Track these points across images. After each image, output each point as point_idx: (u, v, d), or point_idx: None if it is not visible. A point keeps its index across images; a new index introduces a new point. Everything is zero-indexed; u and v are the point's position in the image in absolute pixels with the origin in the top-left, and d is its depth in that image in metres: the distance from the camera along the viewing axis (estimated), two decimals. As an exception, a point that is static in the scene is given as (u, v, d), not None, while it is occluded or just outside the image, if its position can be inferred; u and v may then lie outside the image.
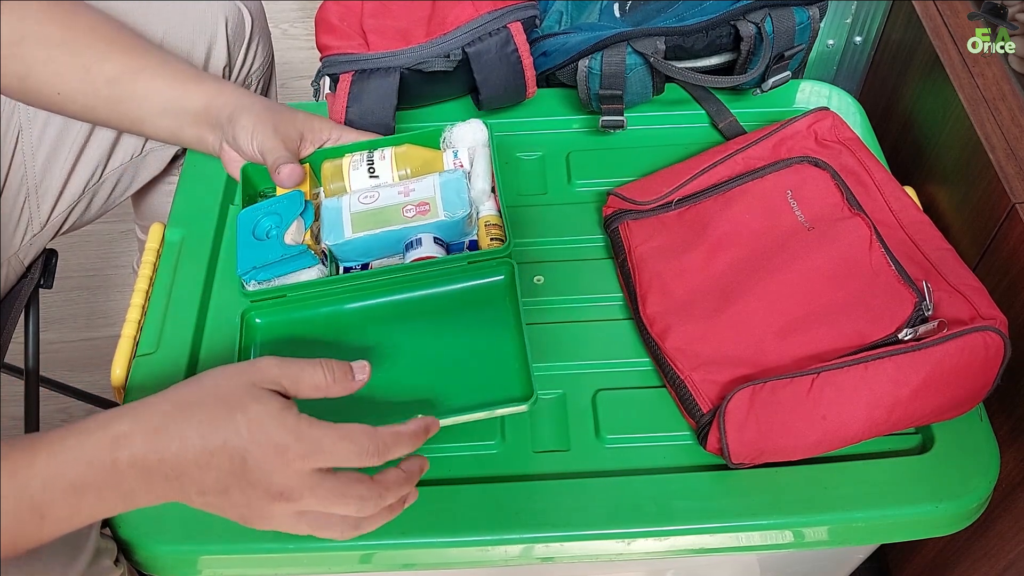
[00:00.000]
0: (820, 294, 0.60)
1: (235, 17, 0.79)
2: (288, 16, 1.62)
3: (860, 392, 0.54)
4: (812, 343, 0.58)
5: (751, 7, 0.72)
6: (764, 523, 0.55)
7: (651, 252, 0.65)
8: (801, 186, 0.66)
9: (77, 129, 0.75)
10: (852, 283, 0.60)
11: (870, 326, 0.57)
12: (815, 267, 0.61)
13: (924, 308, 0.57)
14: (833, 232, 0.62)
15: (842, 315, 0.58)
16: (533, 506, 0.56)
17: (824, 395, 0.54)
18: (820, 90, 0.80)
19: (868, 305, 0.58)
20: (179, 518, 0.56)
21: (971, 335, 0.55)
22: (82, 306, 1.26)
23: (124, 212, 1.18)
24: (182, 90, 0.66)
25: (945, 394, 0.55)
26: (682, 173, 0.69)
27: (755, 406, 0.55)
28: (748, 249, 0.64)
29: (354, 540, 0.54)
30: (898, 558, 0.88)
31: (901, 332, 0.56)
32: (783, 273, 0.61)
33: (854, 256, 0.61)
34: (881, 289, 0.59)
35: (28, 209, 0.75)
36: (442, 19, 0.74)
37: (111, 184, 0.80)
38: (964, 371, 0.55)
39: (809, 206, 0.65)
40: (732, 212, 0.66)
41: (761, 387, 0.55)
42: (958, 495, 0.56)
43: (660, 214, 0.68)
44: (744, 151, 0.69)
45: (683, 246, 0.65)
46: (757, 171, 0.67)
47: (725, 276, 0.63)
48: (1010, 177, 0.64)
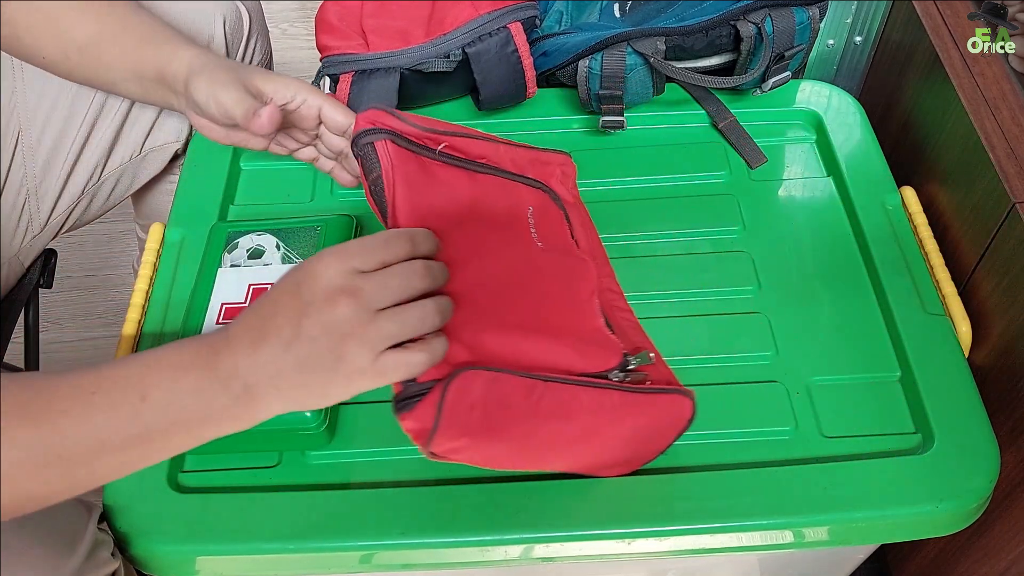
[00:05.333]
0: (545, 310, 0.57)
1: (233, 16, 0.79)
2: (288, 16, 1.62)
3: (575, 413, 0.52)
4: (531, 351, 0.53)
5: (751, 7, 0.72)
6: (764, 523, 0.55)
7: (406, 185, 0.59)
8: (542, 211, 0.64)
9: (76, 129, 0.75)
10: (572, 316, 0.58)
11: (583, 360, 0.55)
12: (545, 281, 0.58)
13: (630, 362, 0.57)
14: (565, 264, 0.61)
15: (562, 337, 0.55)
16: (533, 506, 0.56)
17: (542, 404, 0.51)
18: (820, 90, 0.80)
19: (582, 343, 0.56)
20: (179, 518, 0.56)
21: (673, 395, 0.55)
22: (81, 306, 1.26)
23: (124, 212, 1.18)
24: (137, 56, 0.65)
25: (636, 443, 0.55)
26: (449, 125, 0.65)
27: (490, 394, 0.49)
28: (487, 236, 0.59)
29: (354, 540, 0.55)
30: (898, 558, 0.88)
31: (612, 373, 0.55)
32: (516, 272, 0.58)
33: (579, 295, 0.59)
34: (594, 333, 0.58)
35: (28, 210, 0.75)
36: (442, 19, 0.74)
37: (111, 184, 0.80)
38: (660, 426, 0.55)
39: (543, 231, 0.62)
40: (481, 195, 0.61)
41: (496, 376, 0.50)
42: (958, 495, 0.56)
43: (421, 154, 0.61)
44: (509, 145, 0.67)
45: (432, 199, 0.60)
46: (512, 173, 0.65)
47: (460, 252, 0.56)
48: (1010, 177, 0.64)
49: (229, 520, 0.56)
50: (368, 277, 0.46)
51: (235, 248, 0.65)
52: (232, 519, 0.56)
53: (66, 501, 0.53)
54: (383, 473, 0.58)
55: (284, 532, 0.55)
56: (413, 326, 0.47)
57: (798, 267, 0.68)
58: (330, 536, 0.55)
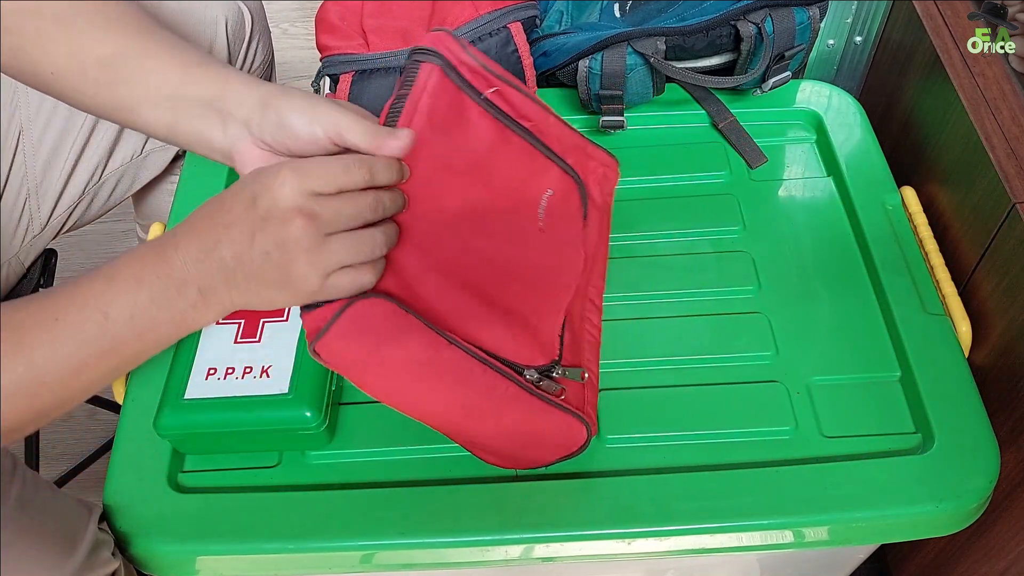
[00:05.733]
0: (509, 287, 0.56)
1: (235, 16, 0.79)
2: (288, 16, 1.62)
3: (464, 386, 0.52)
4: (464, 314, 0.53)
5: (751, 7, 0.72)
6: (764, 523, 0.55)
7: (427, 116, 0.55)
8: (562, 199, 0.61)
9: (78, 130, 0.75)
10: (532, 303, 0.57)
11: (511, 346, 0.55)
12: (525, 262, 0.57)
13: (556, 370, 0.56)
14: (555, 254, 0.59)
15: (506, 317, 0.55)
16: (533, 506, 0.56)
17: (437, 362, 0.51)
18: (820, 90, 0.80)
19: (523, 332, 0.56)
20: (179, 518, 0.56)
21: (572, 417, 0.55)
22: (82, 306, 1.26)
23: (124, 212, 1.18)
24: (185, 76, 0.56)
25: (515, 442, 0.55)
26: (512, 77, 0.59)
27: (390, 327, 0.50)
28: (487, 197, 0.57)
29: (354, 540, 0.55)
30: (898, 558, 0.88)
31: (527, 371, 0.55)
32: (499, 241, 0.56)
33: (552, 288, 0.59)
34: (544, 328, 0.57)
35: (28, 210, 0.75)
36: (442, 19, 0.74)
37: (111, 185, 0.80)
38: (545, 437, 0.56)
39: (552, 217, 0.59)
40: (504, 156, 0.58)
41: (403, 315, 0.50)
42: (958, 495, 0.56)
43: (466, 92, 0.57)
44: (561, 123, 0.62)
45: (448, 140, 0.56)
46: (550, 149, 0.60)
47: (449, 200, 0.55)
48: (1010, 177, 0.64)
49: (229, 520, 0.56)
50: (324, 202, 0.47)
51: None
52: (232, 519, 0.56)
53: (66, 502, 0.54)
54: (383, 473, 0.58)
55: (284, 532, 0.55)
56: (361, 252, 0.48)
57: (798, 267, 0.68)
58: (330, 536, 0.55)
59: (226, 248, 0.46)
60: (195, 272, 0.47)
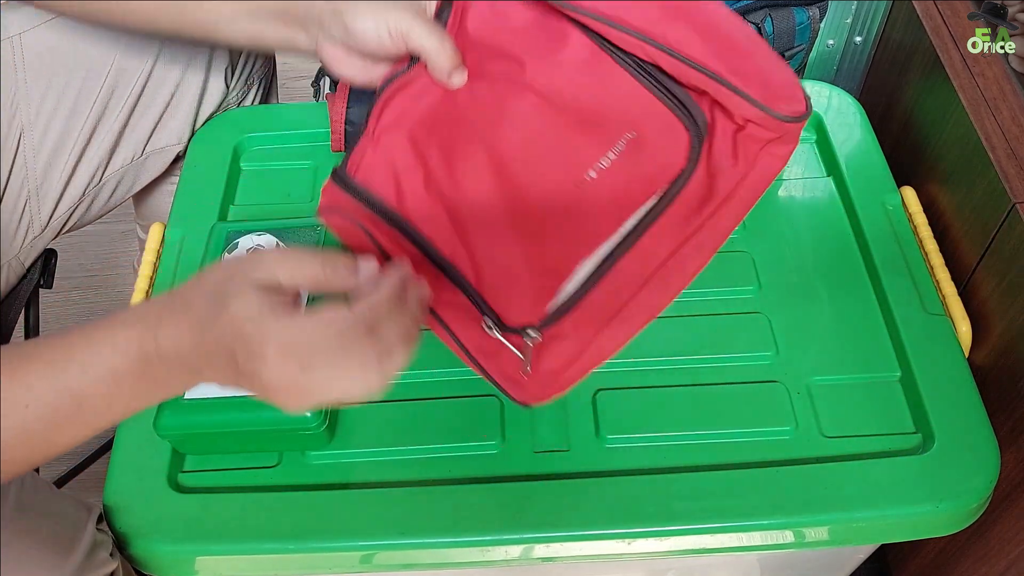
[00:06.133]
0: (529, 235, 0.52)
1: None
2: (288, 16, 1.62)
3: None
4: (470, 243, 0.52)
5: (751, 7, 0.72)
6: (764, 523, 0.55)
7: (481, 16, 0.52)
8: (651, 139, 0.50)
9: (78, 131, 0.75)
10: (536, 252, 0.52)
11: (504, 286, 0.51)
12: (549, 208, 0.51)
13: (530, 332, 0.51)
14: (595, 207, 0.50)
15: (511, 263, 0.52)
16: (533, 506, 0.56)
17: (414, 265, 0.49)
18: (820, 90, 0.80)
19: (532, 272, 0.51)
20: (179, 518, 0.56)
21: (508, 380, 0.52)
22: (82, 306, 1.26)
23: (124, 212, 1.18)
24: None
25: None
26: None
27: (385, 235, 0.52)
28: (543, 125, 0.51)
29: (354, 540, 0.55)
30: (898, 558, 0.88)
31: (493, 322, 0.51)
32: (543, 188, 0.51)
33: (573, 246, 0.52)
34: (544, 283, 0.52)
35: (29, 211, 0.75)
36: (442, 19, 0.73)
37: (112, 186, 0.80)
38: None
39: (625, 163, 0.50)
40: (580, 81, 0.51)
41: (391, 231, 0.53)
42: (958, 495, 0.56)
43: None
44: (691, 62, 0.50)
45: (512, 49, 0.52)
46: (651, 76, 0.50)
47: (492, 122, 0.51)
48: (1010, 177, 0.64)
49: (229, 520, 0.56)
50: (312, 377, 0.42)
51: (235, 248, 0.65)
52: (232, 519, 0.56)
53: (65, 502, 0.53)
54: (383, 473, 0.58)
55: (284, 532, 0.55)
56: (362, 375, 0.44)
57: (798, 267, 0.68)
58: (330, 536, 0.55)
59: (210, 375, 0.44)
60: (182, 381, 0.46)
